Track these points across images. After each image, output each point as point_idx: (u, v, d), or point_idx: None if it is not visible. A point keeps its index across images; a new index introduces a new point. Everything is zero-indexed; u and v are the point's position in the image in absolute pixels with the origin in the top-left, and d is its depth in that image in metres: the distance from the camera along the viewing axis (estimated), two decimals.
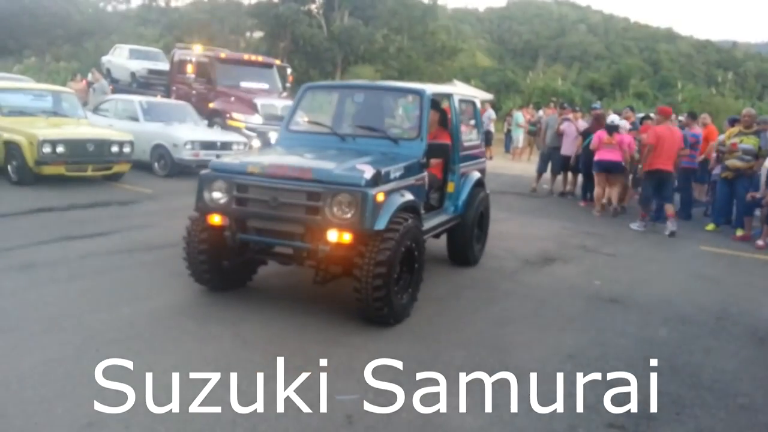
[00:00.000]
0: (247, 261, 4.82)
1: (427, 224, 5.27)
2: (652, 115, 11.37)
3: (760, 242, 8.21)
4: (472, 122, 6.96)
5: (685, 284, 6.25)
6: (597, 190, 10.02)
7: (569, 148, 10.99)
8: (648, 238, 8.46)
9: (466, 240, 6.16)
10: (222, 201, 4.47)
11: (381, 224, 4.17)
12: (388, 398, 3.38)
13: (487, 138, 18.12)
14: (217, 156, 7.77)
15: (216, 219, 4.52)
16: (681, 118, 12.37)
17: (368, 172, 4.21)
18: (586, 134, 10.58)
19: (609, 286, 5.96)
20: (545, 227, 8.71)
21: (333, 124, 5.77)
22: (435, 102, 5.83)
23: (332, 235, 4.18)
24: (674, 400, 3.63)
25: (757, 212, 8.72)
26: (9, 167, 9.38)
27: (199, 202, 4.56)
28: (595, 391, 3.67)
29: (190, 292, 4.89)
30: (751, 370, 4.21)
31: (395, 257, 4.21)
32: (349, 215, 4.12)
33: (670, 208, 8.80)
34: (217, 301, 4.75)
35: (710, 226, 9.17)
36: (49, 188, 8.95)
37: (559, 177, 11.80)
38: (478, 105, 7.04)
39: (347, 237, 4.18)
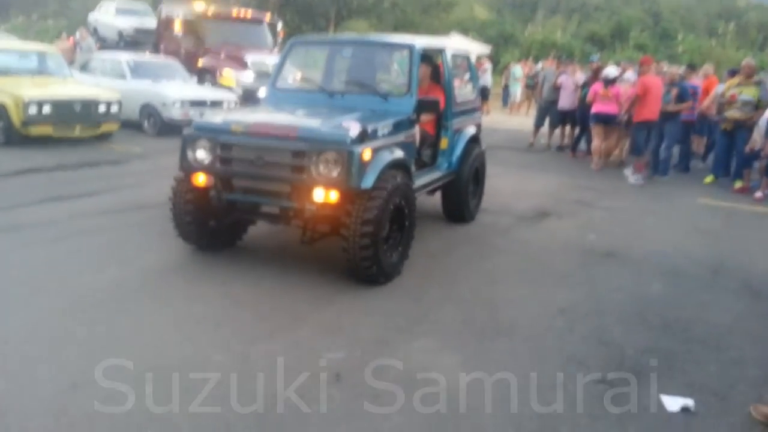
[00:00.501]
0: (235, 221, 4.73)
1: (419, 181, 5.17)
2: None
3: (758, 194, 8.12)
4: (467, 77, 6.79)
5: (682, 238, 6.19)
6: (595, 142, 9.96)
7: (567, 101, 10.81)
8: (645, 191, 8.37)
9: (461, 197, 6.06)
10: (206, 161, 4.36)
11: (368, 182, 4.08)
12: (376, 354, 3.35)
13: (484, 93, 17.89)
14: (201, 115, 7.62)
15: (201, 179, 4.43)
16: (678, 68, 12.15)
17: (354, 130, 4.09)
18: (584, 87, 10.41)
19: (604, 240, 5.90)
20: (541, 182, 8.62)
21: (321, 81, 5.62)
22: (426, 56, 5.67)
23: (318, 194, 4.10)
24: (665, 355, 3.59)
25: (756, 164, 8.61)
26: None
27: (183, 162, 4.46)
28: (585, 345, 3.65)
29: (179, 251, 4.82)
30: (743, 324, 4.16)
31: (383, 215, 4.13)
32: (335, 174, 4.02)
33: (640, 160, 9.06)
34: (206, 261, 4.69)
35: (709, 178, 9.07)
36: (37, 149, 8.80)
37: (557, 131, 11.66)
38: (473, 59, 6.84)
39: (333, 196, 4.09)
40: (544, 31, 34.99)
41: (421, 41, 5.54)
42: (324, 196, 4.09)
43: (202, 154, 4.37)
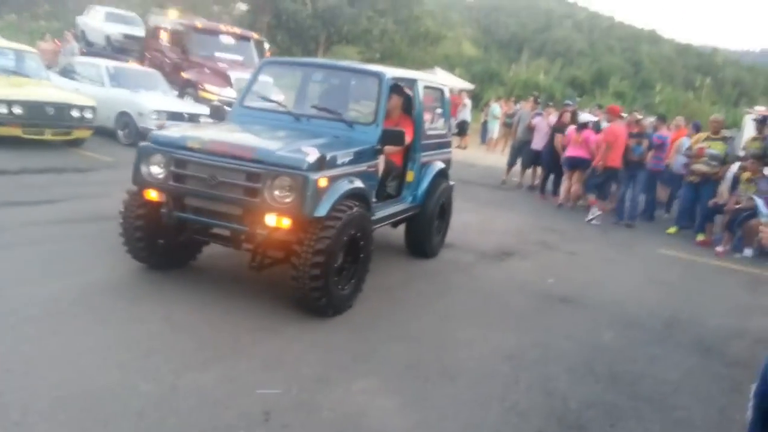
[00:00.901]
0: (187, 240, 4.62)
1: (381, 213, 5.12)
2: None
3: (719, 248, 8.23)
4: (439, 110, 6.79)
5: (639, 287, 6.23)
6: (564, 184, 10.37)
7: (540, 142, 10.95)
8: (608, 237, 8.45)
9: (424, 231, 6.00)
10: (160, 176, 4.26)
11: (322, 211, 4.00)
12: (313, 393, 3.26)
13: (463, 127, 18.04)
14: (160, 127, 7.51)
15: (153, 194, 4.32)
16: (651, 119, 12.43)
17: (312, 156, 4.01)
18: (555, 129, 10.58)
19: (562, 284, 5.90)
20: (509, 221, 8.65)
21: (290, 103, 5.58)
22: (398, 87, 5.65)
23: (270, 220, 4.00)
24: (609, 411, 3.55)
25: (719, 218, 8.75)
26: None
27: (137, 175, 4.35)
28: (529, 395, 3.59)
29: (127, 268, 4.69)
30: (692, 381, 4.15)
31: (335, 246, 4.05)
32: (288, 199, 3.92)
33: (592, 197, 9.56)
34: (153, 280, 4.56)
35: (672, 229, 9.20)
36: (4, 150, 8.60)
37: (529, 170, 11.76)
38: (446, 93, 6.86)
39: (286, 222, 3.99)
40: (528, 71, 35.63)
41: (392, 71, 5.53)
42: (276, 221, 3.99)
43: (156, 169, 4.26)
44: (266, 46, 16.72)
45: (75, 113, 9.49)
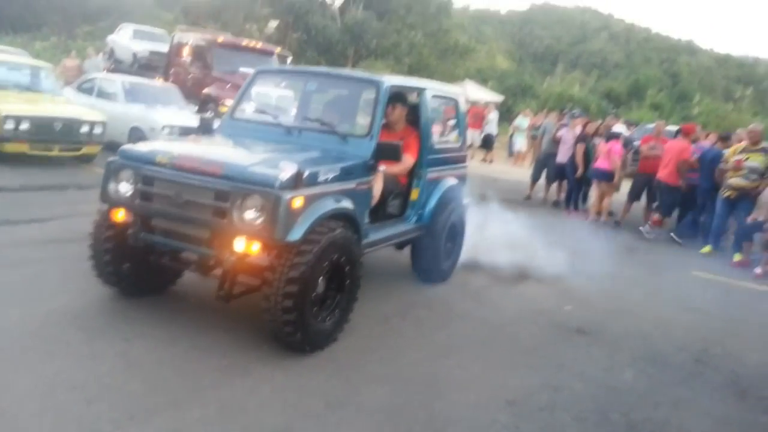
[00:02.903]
0: (156, 265, 4.24)
1: (375, 236, 4.66)
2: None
3: (758, 270, 7.55)
4: (452, 122, 6.31)
5: (668, 316, 5.62)
6: (593, 198, 9.97)
7: (565, 155, 10.40)
8: (638, 259, 7.83)
9: (431, 255, 5.45)
10: (127, 194, 3.90)
11: (296, 235, 3.56)
12: None
13: (489, 141, 17.52)
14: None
15: (120, 215, 3.97)
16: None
17: (286, 172, 3.57)
18: (578, 140, 10.13)
19: (581, 312, 5.35)
20: (529, 239, 8.07)
21: (282, 114, 5.19)
22: (402, 96, 5.22)
23: (239, 244, 3.59)
24: None
25: (757, 236, 8.04)
26: None
27: (104, 193, 4.00)
28: None
29: (97, 294, 4.33)
30: None
31: (312, 274, 3.61)
32: (258, 221, 3.51)
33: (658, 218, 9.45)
34: (120, 309, 4.18)
35: (706, 249, 8.51)
36: (11, 167, 8.46)
37: (554, 185, 11.22)
38: (462, 104, 6.34)
39: (255, 247, 3.59)
40: (563, 84, 34.97)
41: (393, 79, 5.12)
42: (245, 246, 3.59)
43: (124, 187, 3.91)
44: (289, 59, 16.50)
45: (84, 129, 9.34)
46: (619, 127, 10.78)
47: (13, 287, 4.38)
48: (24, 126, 8.72)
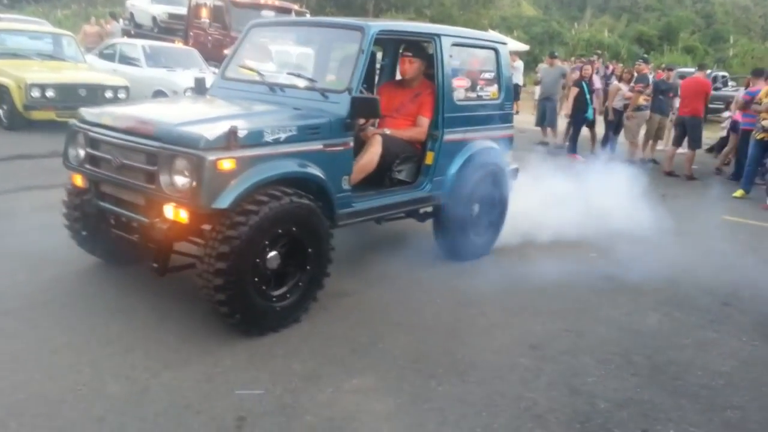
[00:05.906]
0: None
1: (362, 204, 4.11)
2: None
3: None
4: (489, 75, 5.30)
5: (695, 260, 5.52)
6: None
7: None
8: (668, 204, 7.67)
9: (455, 228, 4.82)
10: (80, 158, 3.78)
11: (223, 202, 3.16)
12: (299, 393, 2.91)
13: (514, 91, 17.21)
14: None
15: (78, 180, 3.88)
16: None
17: (214, 131, 3.21)
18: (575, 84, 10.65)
19: (606, 259, 5.31)
20: (549, 187, 7.93)
21: (269, 71, 4.76)
22: (415, 45, 4.73)
23: (169, 211, 3.31)
24: (644, 412, 3.05)
25: None
26: (0, 111, 9.11)
27: (64, 158, 3.90)
28: (550, 393, 3.13)
29: (84, 263, 4.29)
30: (750, 374, 3.54)
31: (249, 248, 3.21)
32: (182, 185, 3.19)
33: None
34: (104, 279, 4.10)
35: (738, 193, 8.33)
36: (40, 134, 8.64)
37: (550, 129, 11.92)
38: (504, 53, 5.35)
39: (183, 215, 3.27)
40: (592, 30, 33.93)
41: (384, 24, 4.59)
42: (174, 213, 3.29)
43: (79, 150, 3.78)
44: (307, 16, 16.28)
45: (108, 94, 9.46)
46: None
47: (48, 248, 4.49)
48: (49, 93, 8.88)
